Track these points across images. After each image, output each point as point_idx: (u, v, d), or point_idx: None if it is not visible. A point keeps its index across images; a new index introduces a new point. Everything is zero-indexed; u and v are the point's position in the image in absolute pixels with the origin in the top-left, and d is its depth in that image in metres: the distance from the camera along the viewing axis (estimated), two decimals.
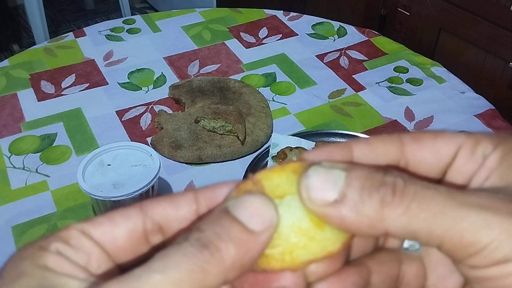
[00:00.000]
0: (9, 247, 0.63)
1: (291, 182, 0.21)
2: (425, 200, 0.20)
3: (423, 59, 0.95)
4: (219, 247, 0.19)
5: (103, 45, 0.99)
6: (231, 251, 0.19)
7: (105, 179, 0.62)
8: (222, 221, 0.20)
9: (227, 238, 0.19)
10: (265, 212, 0.20)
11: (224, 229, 0.20)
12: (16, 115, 0.83)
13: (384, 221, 0.20)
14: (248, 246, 0.20)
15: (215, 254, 0.19)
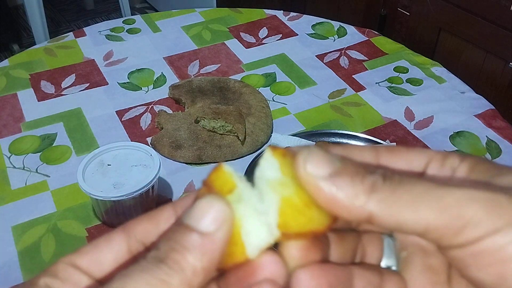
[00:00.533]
0: (9, 247, 0.63)
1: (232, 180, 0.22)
2: (409, 185, 0.20)
3: (423, 59, 0.95)
4: (176, 259, 0.20)
5: (103, 45, 0.99)
6: (189, 259, 0.20)
7: (105, 179, 0.62)
8: (175, 233, 0.21)
9: (182, 249, 0.20)
10: (214, 210, 0.21)
11: (178, 241, 0.20)
12: (16, 115, 0.83)
13: (370, 203, 0.20)
14: (206, 249, 0.20)
15: (173, 266, 0.20)
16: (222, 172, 0.23)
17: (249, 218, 0.22)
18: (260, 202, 0.22)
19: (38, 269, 0.61)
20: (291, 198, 0.22)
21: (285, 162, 0.22)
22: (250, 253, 0.22)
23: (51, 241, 0.64)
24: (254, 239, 0.22)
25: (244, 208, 0.22)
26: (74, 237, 0.65)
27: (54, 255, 0.62)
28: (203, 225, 0.21)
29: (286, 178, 0.22)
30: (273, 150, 0.23)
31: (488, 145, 0.78)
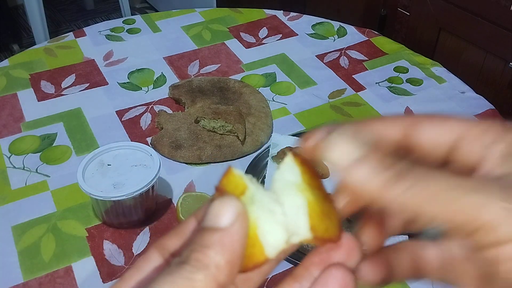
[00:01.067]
0: (9, 247, 0.63)
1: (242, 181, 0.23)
2: (430, 180, 0.21)
3: (423, 59, 0.95)
4: (198, 258, 0.20)
5: (103, 45, 0.99)
6: (211, 255, 0.20)
7: (105, 179, 0.62)
8: (195, 238, 0.21)
9: (202, 248, 0.20)
10: (227, 206, 0.21)
11: (198, 242, 0.21)
12: (16, 115, 0.83)
13: (392, 193, 0.21)
14: (226, 243, 0.21)
15: (196, 265, 0.20)
16: (233, 176, 0.23)
17: (264, 219, 0.22)
18: (274, 203, 0.23)
19: (38, 269, 0.61)
20: (314, 204, 0.22)
21: (303, 170, 0.23)
22: (269, 253, 0.22)
23: (51, 241, 0.64)
24: (272, 240, 0.22)
25: (258, 209, 0.22)
26: (74, 237, 0.64)
27: (54, 255, 0.62)
28: (220, 222, 0.21)
29: (305, 186, 0.23)
30: (295, 156, 0.23)
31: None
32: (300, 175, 0.23)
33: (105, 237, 0.64)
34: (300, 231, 0.22)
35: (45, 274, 0.60)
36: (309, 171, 0.23)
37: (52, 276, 0.60)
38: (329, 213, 0.23)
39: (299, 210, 0.22)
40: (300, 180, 0.23)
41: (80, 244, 0.64)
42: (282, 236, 0.22)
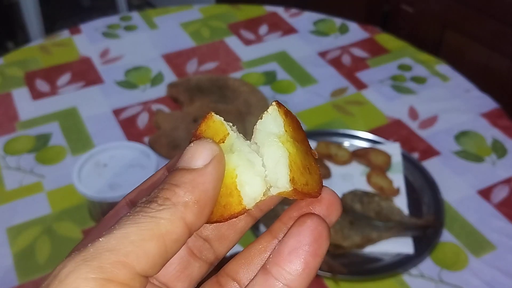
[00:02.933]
0: (3, 249, 0.62)
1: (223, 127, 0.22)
2: None
3: (427, 57, 0.94)
4: (166, 196, 0.19)
5: (99, 43, 0.97)
6: (180, 193, 0.19)
7: (101, 180, 0.61)
8: (165, 178, 0.20)
9: (171, 186, 0.19)
10: (202, 148, 0.20)
11: (168, 181, 0.19)
12: (11, 114, 0.81)
13: None
14: (197, 182, 0.19)
15: (163, 203, 0.18)
16: (213, 121, 0.22)
17: (243, 168, 0.21)
18: (254, 154, 0.22)
19: (33, 271, 0.60)
20: (295, 156, 0.21)
21: (287, 121, 0.22)
22: (247, 203, 0.21)
23: (46, 243, 0.63)
24: (250, 190, 0.21)
25: (238, 159, 0.21)
26: (69, 239, 0.63)
27: (49, 257, 0.61)
28: (193, 163, 0.20)
29: (288, 137, 0.22)
30: (279, 106, 0.22)
31: (494, 145, 0.76)
32: (283, 127, 0.22)
33: None
34: (279, 183, 0.21)
35: (40, 277, 0.59)
36: (292, 123, 0.22)
37: None
38: (310, 168, 0.22)
39: (279, 162, 0.21)
40: (283, 131, 0.22)
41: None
42: (261, 187, 0.21)
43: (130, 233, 0.18)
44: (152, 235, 0.18)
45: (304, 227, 0.20)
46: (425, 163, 0.73)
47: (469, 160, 0.74)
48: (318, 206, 0.22)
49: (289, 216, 0.22)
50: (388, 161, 0.70)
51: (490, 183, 0.70)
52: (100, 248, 0.17)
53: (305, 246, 0.20)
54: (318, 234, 0.20)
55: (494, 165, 0.73)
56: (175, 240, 0.18)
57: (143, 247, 0.18)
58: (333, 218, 0.22)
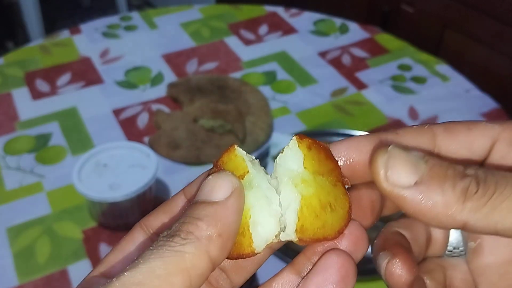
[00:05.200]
0: (3, 249, 0.62)
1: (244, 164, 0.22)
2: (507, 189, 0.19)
3: (427, 57, 0.94)
4: (189, 230, 0.19)
5: (99, 43, 0.97)
6: (203, 227, 0.19)
7: (101, 180, 0.61)
8: (186, 211, 0.20)
9: (194, 220, 0.19)
10: (224, 181, 0.20)
11: (190, 215, 0.19)
12: (11, 114, 0.81)
13: (464, 212, 0.19)
14: (219, 215, 0.19)
15: (187, 236, 0.18)
16: (234, 155, 0.22)
17: (258, 208, 0.21)
18: (272, 191, 0.21)
19: (33, 271, 0.60)
20: (310, 199, 0.21)
21: (309, 155, 0.21)
22: (257, 246, 0.21)
23: (47, 243, 0.63)
24: (262, 231, 0.21)
25: (254, 197, 0.21)
26: (69, 239, 0.63)
27: (49, 257, 0.61)
28: (214, 196, 0.20)
29: (308, 174, 0.21)
30: (300, 140, 0.22)
31: None
32: (303, 163, 0.21)
33: (101, 240, 0.63)
34: (288, 230, 0.21)
35: (40, 277, 0.59)
36: (318, 154, 0.21)
37: (47, 279, 0.59)
38: (335, 203, 0.21)
39: (290, 207, 0.21)
40: (302, 169, 0.21)
41: (76, 246, 0.62)
42: (274, 229, 0.21)
43: (155, 267, 0.17)
44: (177, 270, 0.18)
45: (330, 264, 0.20)
46: None
47: None
48: (344, 241, 0.21)
49: (314, 251, 0.22)
50: None
51: None
52: (126, 282, 0.17)
53: (331, 285, 0.19)
54: (345, 272, 0.20)
55: None
56: (200, 274, 0.18)
57: (169, 281, 0.17)
58: (359, 255, 0.21)
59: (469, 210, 0.18)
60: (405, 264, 0.21)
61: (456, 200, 0.19)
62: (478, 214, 0.18)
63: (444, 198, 0.19)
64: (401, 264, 0.21)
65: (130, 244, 0.22)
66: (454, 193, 0.19)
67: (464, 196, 0.19)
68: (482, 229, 0.19)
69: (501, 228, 0.19)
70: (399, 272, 0.21)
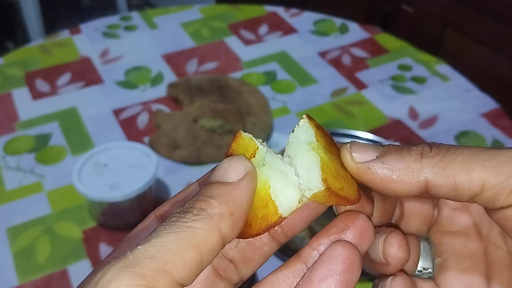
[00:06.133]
0: (4, 249, 0.62)
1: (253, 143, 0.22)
2: (459, 149, 0.21)
3: (427, 57, 0.94)
4: (201, 207, 0.19)
5: (99, 43, 0.97)
6: (215, 205, 0.19)
7: (101, 180, 0.61)
8: (200, 191, 0.20)
9: (207, 198, 0.20)
10: (238, 163, 0.21)
11: (203, 193, 0.20)
12: (11, 114, 0.81)
13: (423, 170, 0.21)
14: (232, 195, 0.20)
15: (199, 213, 0.19)
16: (242, 139, 0.22)
17: (276, 179, 0.22)
18: (285, 165, 0.22)
19: (33, 271, 0.60)
20: (328, 162, 0.22)
21: (319, 133, 0.23)
22: (283, 211, 0.21)
23: (47, 243, 0.63)
24: (284, 199, 0.21)
25: (269, 170, 0.22)
26: (69, 239, 0.63)
27: (49, 257, 0.61)
28: (228, 177, 0.20)
29: (320, 146, 0.22)
30: (310, 119, 0.23)
31: (494, 145, 0.76)
32: (315, 137, 0.22)
33: (101, 240, 0.63)
34: (313, 185, 0.21)
35: (41, 277, 0.59)
36: (324, 136, 0.23)
37: (47, 279, 0.59)
38: (345, 177, 0.22)
39: (311, 166, 0.21)
40: (315, 141, 0.22)
41: (76, 246, 0.62)
42: (295, 195, 0.21)
43: (168, 242, 0.18)
44: (189, 244, 0.18)
45: (336, 255, 0.20)
46: None
47: None
48: (350, 233, 0.22)
49: (319, 242, 0.22)
50: None
51: None
52: (140, 255, 0.18)
53: (337, 276, 0.20)
54: (350, 263, 0.20)
55: None
56: (211, 250, 0.19)
57: (181, 255, 0.18)
58: (364, 247, 0.22)
59: (427, 166, 0.20)
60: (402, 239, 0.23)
61: (413, 160, 0.21)
62: (436, 169, 0.20)
63: (404, 162, 0.21)
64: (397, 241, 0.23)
65: (144, 232, 0.22)
66: (411, 156, 0.21)
67: (420, 156, 0.21)
68: (442, 186, 0.20)
69: (460, 181, 0.20)
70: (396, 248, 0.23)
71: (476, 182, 0.20)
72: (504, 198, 0.20)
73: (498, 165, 0.20)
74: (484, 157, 0.20)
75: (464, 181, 0.20)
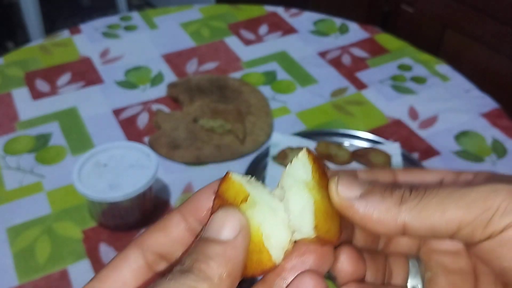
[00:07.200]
0: (3, 249, 0.62)
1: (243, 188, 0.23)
2: (434, 191, 0.22)
3: (427, 57, 0.94)
4: (201, 268, 0.20)
5: (99, 43, 0.97)
6: (214, 267, 0.20)
7: (101, 180, 0.61)
8: (197, 248, 0.21)
9: (206, 258, 0.21)
10: (231, 219, 0.22)
11: (201, 252, 0.21)
12: (11, 114, 0.81)
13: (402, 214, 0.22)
14: (229, 256, 0.21)
15: (200, 275, 0.20)
16: (232, 182, 0.23)
17: (267, 222, 0.23)
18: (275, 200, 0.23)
19: (33, 272, 0.60)
20: (320, 204, 0.23)
21: (314, 168, 0.24)
22: (276, 257, 0.22)
23: (47, 243, 0.63)
24: (276, 242, 0.23)
25: (260, 213, 0.23)
26: (70, 239, 0.63)
27: (49, 257, 0.61)
28: (223, 235, 0.21)
29: (314, 184, 0.23)
30: (308, 153, 0.24)
31: (494, 145, 0.76)
32: (311, 173, 0.23)
33: (101, 239, 0.63)
34: (304, 229, 0.22)
35: (40, 277, 0.59)
36: (319, 169, 0.24)
37: (47, 279, 0.59)
38: (332, 215, 0.23)
39: (305, 208, 0.22)
40: (311, 178, 0.23)
41: (76, 246, 0.62)
42: (286, 235, 0.23)
43: None
44: None
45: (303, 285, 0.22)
46: (425, 163, 0.73)
47: (469, 160, 0.74)
48: (311, 257, 0.23)
49: (283, 268, 0.23)
50: (388, 161, 0.70)
51: None
52: None
53: None
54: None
55: (494, 165, 0.73)
56: None
57: None
58: (326, 268, 0.23)
59: (405, 210, 0.22)
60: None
61: (393, 204, 0.22)
62: (413, 212, 0.22)
63: (384, 204, 0.22)
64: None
65: (123, 262, 0.23)
66: (392, 198, 0.22)
67: (400, 200, 0.22)
68: (419, 228, 0.22)
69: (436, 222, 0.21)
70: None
71: (452, 221, 0.21)
72: (481, 232, 0.21)
73: (470, 203, 0.21)
74: (458, 196, 0.21)
75: (440, 221, 0.21)
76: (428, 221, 0.21)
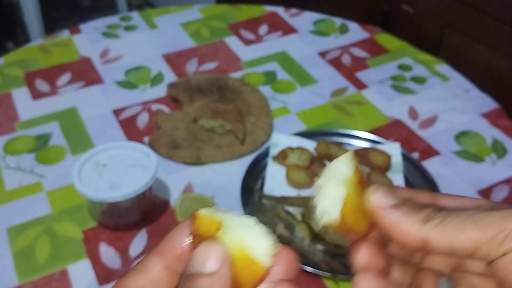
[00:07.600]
0: (3, 249, 0.62)
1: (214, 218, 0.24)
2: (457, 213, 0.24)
3: (427, 57, 0.94)
4: None
5: (99, 43, 0.97)
6: None
7: (101, 180, 0.61)
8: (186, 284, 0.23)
9: None
10: (213, 252, 0.23)
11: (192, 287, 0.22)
12: (11, 114, 0.81)
13: (425, 229, 0.24)
14: (217, 285, 0.23)
15: None
16: (201, 218, 0.24)
17: (246, 237, 0.24)
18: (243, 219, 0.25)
19: (33, 272, 0.60)
20: (353, 197, 0.25)
21: (356, 170, 0.26)
22: (266, 262, 0.24)
23: (47, 243, 0.63)
24: (261, 250, 0.24)
25: (237, 232, 0.24)
26: (69, 239, 0.63)
27: (49, 257, 0.61)
28: (208, 267, 0.23)
29: (353, 182, 0.26)
30: (355, 155, 0.27)
31: (494, 145, 0.76)
32: (352, 173, 0.26)
33: (101, 239, 0.63)
34: (332, 213, 0.25)
35: (41, 277, 0.59)
36: (359, 173, 0.26)
37: (47, 279, 0.59)
38: (363, 212, 0.26)
39: (338, 196, 0.25)
40: (350, 176, 0.26)
41: (76, 246, 0.62)
42: (267, 242, 0.24)
43: None
44: None
45: None
46: (425, 163, 0.73)
47: (469, 160, 0.74)
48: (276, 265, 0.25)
49: None
50: (388, 161, 0.70)
51: (490, 183, 0.70)
52: None
53: None
54: None
55: (494, 165, 0.73)
56: None
57: None
58: (291, 276, 0.25)
59: (428, 226, 0.24)
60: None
61: (419, 219, 0.25)
62: (435, 229, 0.24)
63: (411, 218, 0.25)
64: None
65: None
66: (419, 215, 0.25)
67: (426, 217, 0.25)
68: (439, 244, 0.24)
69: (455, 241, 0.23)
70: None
71: (470, 241, 0.23)
72: (496, 250, 0.23)
73: (487, 224, 0.23)
74: (477, 218, 0.23)
75: (459, 240, 0.23)
76: (448, 239, 0.24)
